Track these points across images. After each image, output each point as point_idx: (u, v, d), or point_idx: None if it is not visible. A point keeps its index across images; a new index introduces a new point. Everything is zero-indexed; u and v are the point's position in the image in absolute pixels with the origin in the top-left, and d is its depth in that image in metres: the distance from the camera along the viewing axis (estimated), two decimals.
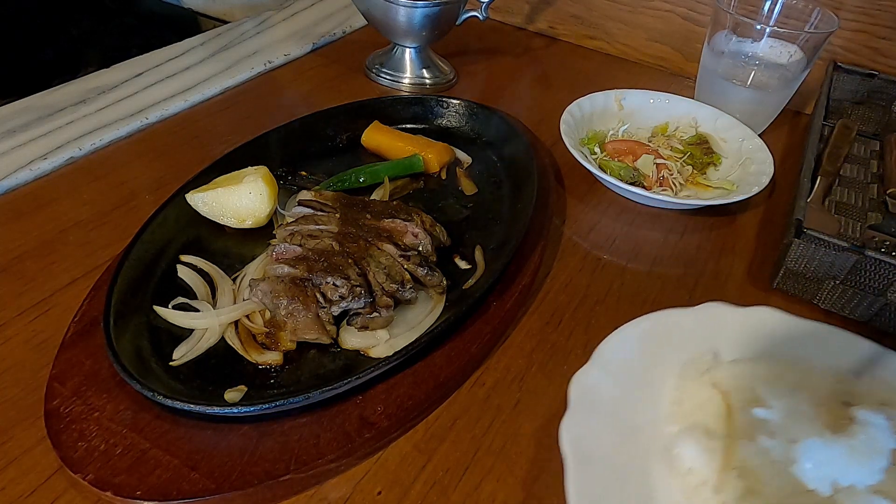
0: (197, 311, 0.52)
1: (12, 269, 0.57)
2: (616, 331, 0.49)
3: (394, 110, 0.79)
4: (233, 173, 0.63)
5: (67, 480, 0.42)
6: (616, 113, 0.83)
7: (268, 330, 0.52)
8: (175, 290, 0.54)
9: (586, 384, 0.45)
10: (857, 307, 0.58)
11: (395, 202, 0.62)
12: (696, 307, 0.51)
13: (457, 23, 0.91)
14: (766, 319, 0.50)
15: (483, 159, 0.75)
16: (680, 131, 0.81)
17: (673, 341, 0.49)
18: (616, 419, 0.44)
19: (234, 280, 0.57)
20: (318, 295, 0.50)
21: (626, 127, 0.81)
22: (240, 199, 0.60)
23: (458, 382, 0.51)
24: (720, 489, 0.40)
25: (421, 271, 0.55)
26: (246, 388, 0.47)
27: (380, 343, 0.52)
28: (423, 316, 0.54)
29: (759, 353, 0.48)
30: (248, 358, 0.50)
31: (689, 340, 0.49)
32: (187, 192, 0.60)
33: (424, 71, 0.93)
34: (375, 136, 0.75)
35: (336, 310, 0.51)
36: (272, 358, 0.50)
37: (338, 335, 0.52)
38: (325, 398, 0.45)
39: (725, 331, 0.50)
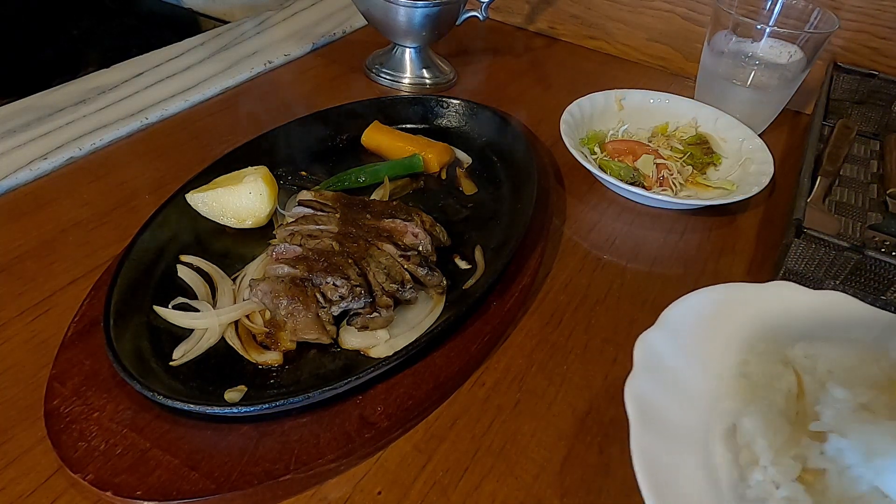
0: (197, 311, 0.52)
1: (12, 269, 0.57)
2: (685, 297, 0.47)
3: (394, 110, 0.79)
4: (233, 173, 0.63)
5: (67, 480, 0.42)
6: (616, 113, 0.83)
7: (268, 330, 0.52)
8: (175, 290, 0.54)
9: (652, 346, 0.43)
10: None
11: (395, 202, 0.62)
12: (766, 284, 0.49)
13: (457, 23, 0.91)
14: (838, 303, 0.48)
15: (483, 159, 0.75)
16: (680, 131, 0.81)
17: (741, 315, 0.47)
18: (679, 385, 0.43)
19: (234, 280, 0.57)
20: (318, 295, 0.50)
21: (626, 127, 0.81)
22: (240, 199, 0.60)
23: (458, 382, 0.51)
24: (778, 473, 0.38)
25: (421, 271, 0.55)
26: (246, 388, 0.47)
27: (380, 343, 0.52)
28: (423, 316, 0.54)
29: (834, 335, 0.45)
30: (248, 358, 0.50)
31: (758, 316, 0.47)
32: (187, 192, 0.60)
33: (424, 71, 0.93)
34: (375, 136, 0.75)
35: (336, 310, 0.51)
36: (272, 358, 0.50)
37: (338, 335, 0.52)
38: (325, 398, 0.45)
39: (795, 310, 0.47)
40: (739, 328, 0.47)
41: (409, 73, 0.92)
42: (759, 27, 0.79)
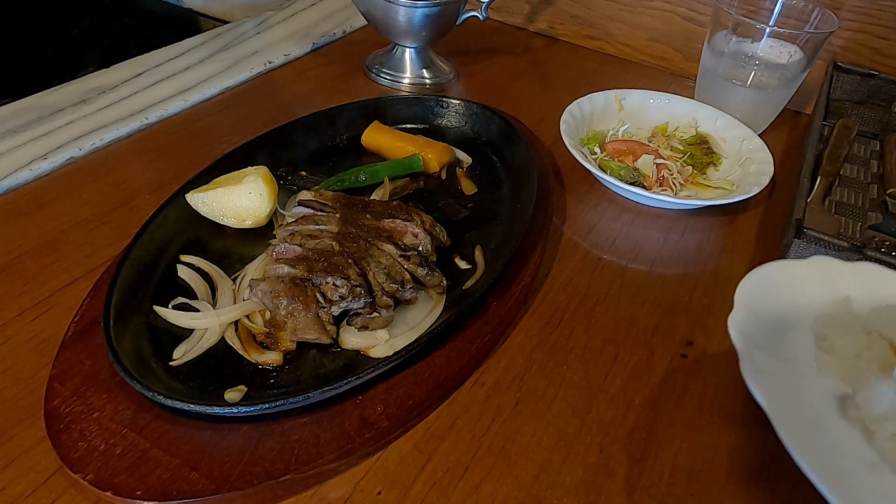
0: (197, 311, 0.52)
1: (12, 269, 0.57)
2: (749, 275, 0.47)
3: (394, 110, 0.79)
4: (233, 173, 0.63)
5: (67, 480, 0.42)
6: (616, 113, 0.83)
7: (268, 330, 0.52)
8: (175, 290, 0.54)
9: (744, 329, 0.43)
10: None
11: (395, 202, 0.62)
12: (808, 259, 0.49)
13: (457, 23, 0.91)
14: (879, 273, 0.48)
15: (483, 159, 0.75)
16: (680, 131, 0.81)
17: (799, 289, 0.47)
18: (784, 367, 0.42)
19: (234, 280, 0.57)
20: (318, 295, 0.50)
21: (626, 127, 0.81)
22: (240, 199, 0.60)
23: (458, 382, 0.51)
24: None
25: (421, 271, 0.55)
26: (246, 388, 0.47)
27: (380, 343, 0.52)
28: (423, 316, 0.54)
29: (877, 304, 0.45)
30: (248, 358, 0.50)
31: (815, 289, 0.47)
32: (187, 192, 0.60)
33: (424, 71, 0.93)
34: (375, 136, 0.75)
35: (336, 310, 0.51)
36: (272, 358, 0.50)
37: (338, 335, 0.52)
38: (325, 398, 0.45)
39: (844, 282, 0.47)
40: (802, 301, 0.46)
41: (409, 73, 0.92)
42: (759, 27, 0.79)
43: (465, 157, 0.75)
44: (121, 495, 0.40)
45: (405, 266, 0.54)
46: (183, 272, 0.56)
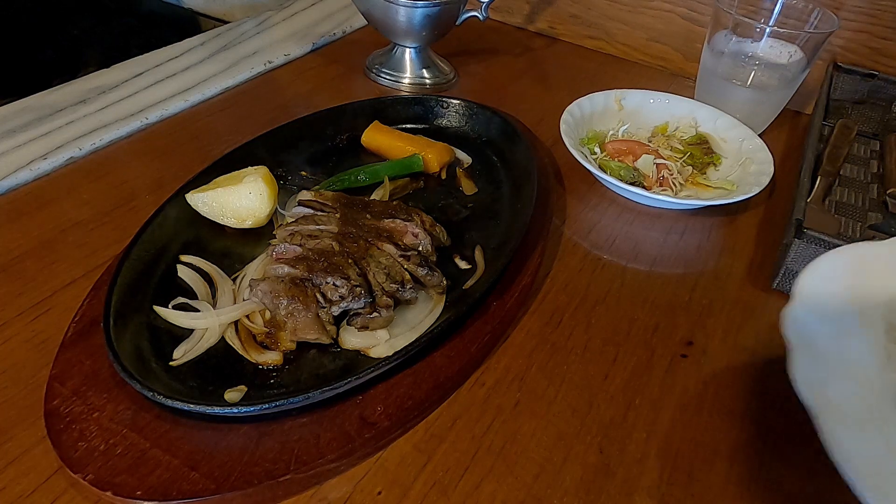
0: (197, 311, 0.52)
1: (12, 269, 0.57)
2: (812, 264, 0.45)
3: (394, 110, 0.79)
4: (233, 173, 0.63)
5: (67, 480, 0.42)
6: (616, 113, 0.83)
7: (268, 330, 0.52)
8: (175, 290, 0.54)
9: (799, 324, 0.41)
10: None
11: (395, 202, 0.62)
12: (888, 240, 0.46)
13: (457, 23, 0.91)
14: None
15: (483, 159, 0.75)
16: (680, 131, 0.81)
17: (873, 276, 0.45)
18: (841, 364, 0.40)
19: (234, 280, 0.57)
20: (318, 295, 0.50)
21: (626, 127, 0.81)
22: (240, 199, 0.60)
23: (458, 382, 0.51)
24: None
25: (421, 271, 0.55)
26: (246, 388, 0.47)
27: (380, 343, 0.52)
28: (423, 316, 0.54)
29: None
30: (248, 358, 0.50)
31: (891, 276, 0.45)
32: (187, 192, 0.60)
33: (424, 71, 0.93)
34: (375, 136, 0.75)
35: (336, 310, 0.51)
36: (272, 358, 0.50)
37: (338, 335, 0.52)
38: (325, 398, 0.45)
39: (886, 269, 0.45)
40: (876, 290, 0.44)
41: (409, 73, 0.92)
42: (759, 27, 0.79)
43: (465, 157, 0.75)
44: (121, 495, 0.40)
45: (405, 266, 0.54)
46: (183, 272, 0.56)
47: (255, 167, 0.64)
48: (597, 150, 0.77)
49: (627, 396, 0.51)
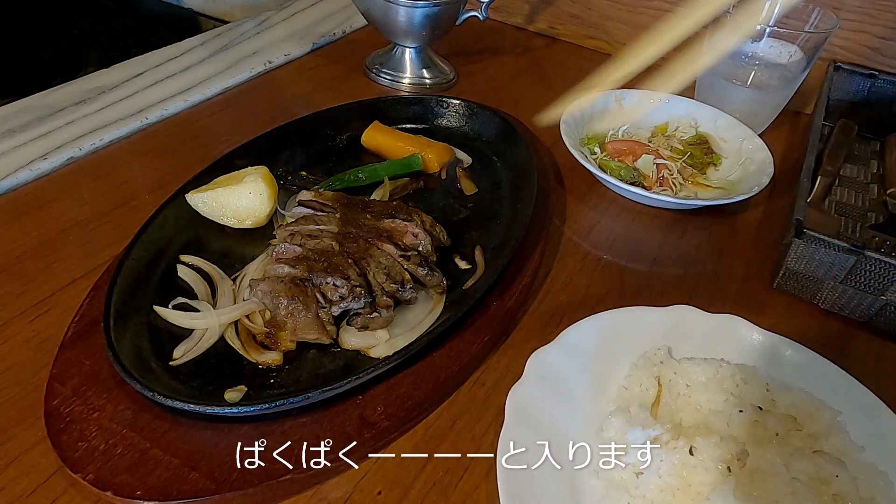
0: (197, 311, 0.52)
1: (12, 269, 0.57)
2: (585, 319, 0.52)
3: (394, 110, 0.79)
4: (233, 173, 0.63)
5: (67, 480, 0.42)
6: (616, 113, 0.83)
7: (268, 330, 0.52)
8: (175, 290, 0.54)
9: (544, 360, 0.48)
10: (858, 307, 0.58)
11: (395, 202, 0.62)
12: (668, 307, 0.53)
13: (457, 23, 0.91)
14: (728, 327, 0.52)
15: (483, 159, 0.75)
16: (680, 131, 0.81)
17: (636, 334, 0.52)
18: (562, 392, 0.48)
19: (234, 280, 0.57)
20: (318, 295, 0.50)
21: (626, 127, 0.81)
22: (240, 199, 0.60)
23: (458, 382, 0.51)
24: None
25: (421, 271, 0.55)
26: (246, 388, 0.47)
27: (380, 343, 0.52)
28: (423, 316, 0.54)
29: (708, 356, 0.50)
30: (248, 358, 0.50)
31: (650, 336, 0.52)
32: (187, 192, 0.60)
33: (424, 71, 0.93)
34: (375, 136, 0.75)
35: (336, 310, 0.51)
36: (272, 358, 0.50)
37: (338, 335, 0.52)
38: (325, 398, 0.45)
39: (686, 332, 0.52)
40: (633, 346, 0.51)
41: (409, 73, 0.92)
42: (759, 27, 0.79)
43: (465, 157, 0.75)
44: (121, 495, 0.40)
45: (405, 266, 0.54)
46: (183, 272, 0.56)
47: (255, 167, 0.64)
48: (597, 150, 0.77)
49: None
